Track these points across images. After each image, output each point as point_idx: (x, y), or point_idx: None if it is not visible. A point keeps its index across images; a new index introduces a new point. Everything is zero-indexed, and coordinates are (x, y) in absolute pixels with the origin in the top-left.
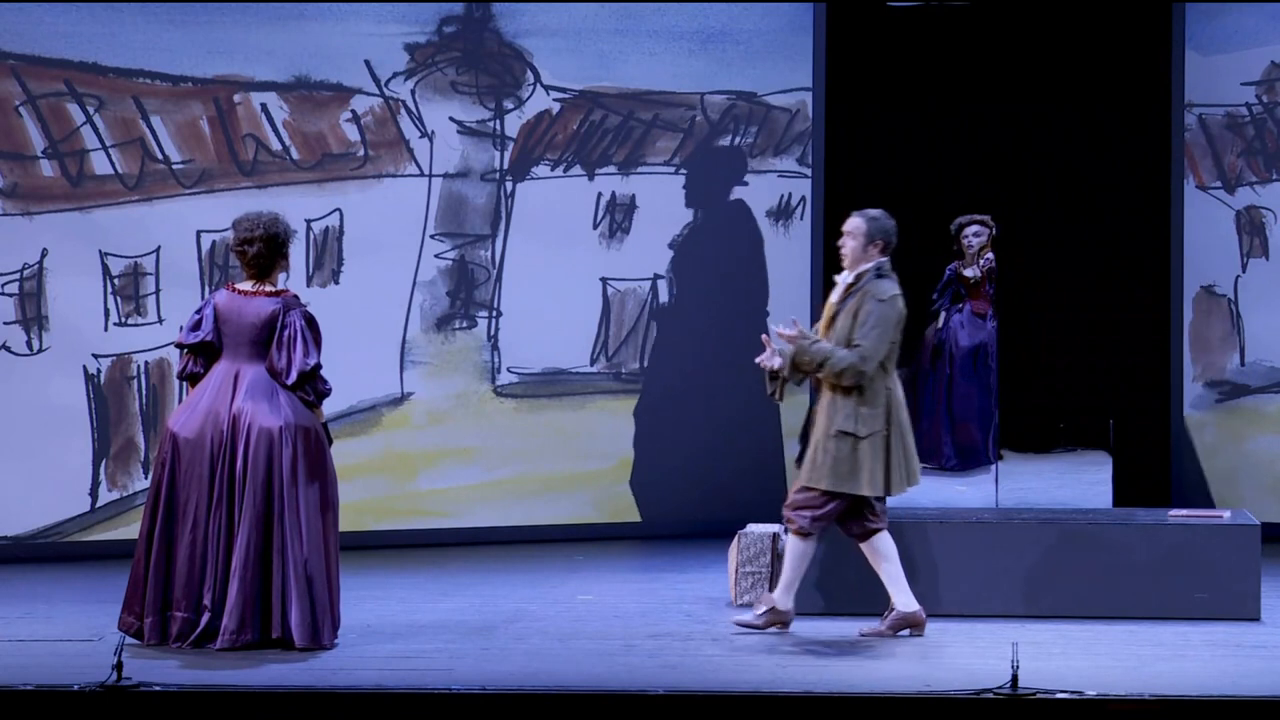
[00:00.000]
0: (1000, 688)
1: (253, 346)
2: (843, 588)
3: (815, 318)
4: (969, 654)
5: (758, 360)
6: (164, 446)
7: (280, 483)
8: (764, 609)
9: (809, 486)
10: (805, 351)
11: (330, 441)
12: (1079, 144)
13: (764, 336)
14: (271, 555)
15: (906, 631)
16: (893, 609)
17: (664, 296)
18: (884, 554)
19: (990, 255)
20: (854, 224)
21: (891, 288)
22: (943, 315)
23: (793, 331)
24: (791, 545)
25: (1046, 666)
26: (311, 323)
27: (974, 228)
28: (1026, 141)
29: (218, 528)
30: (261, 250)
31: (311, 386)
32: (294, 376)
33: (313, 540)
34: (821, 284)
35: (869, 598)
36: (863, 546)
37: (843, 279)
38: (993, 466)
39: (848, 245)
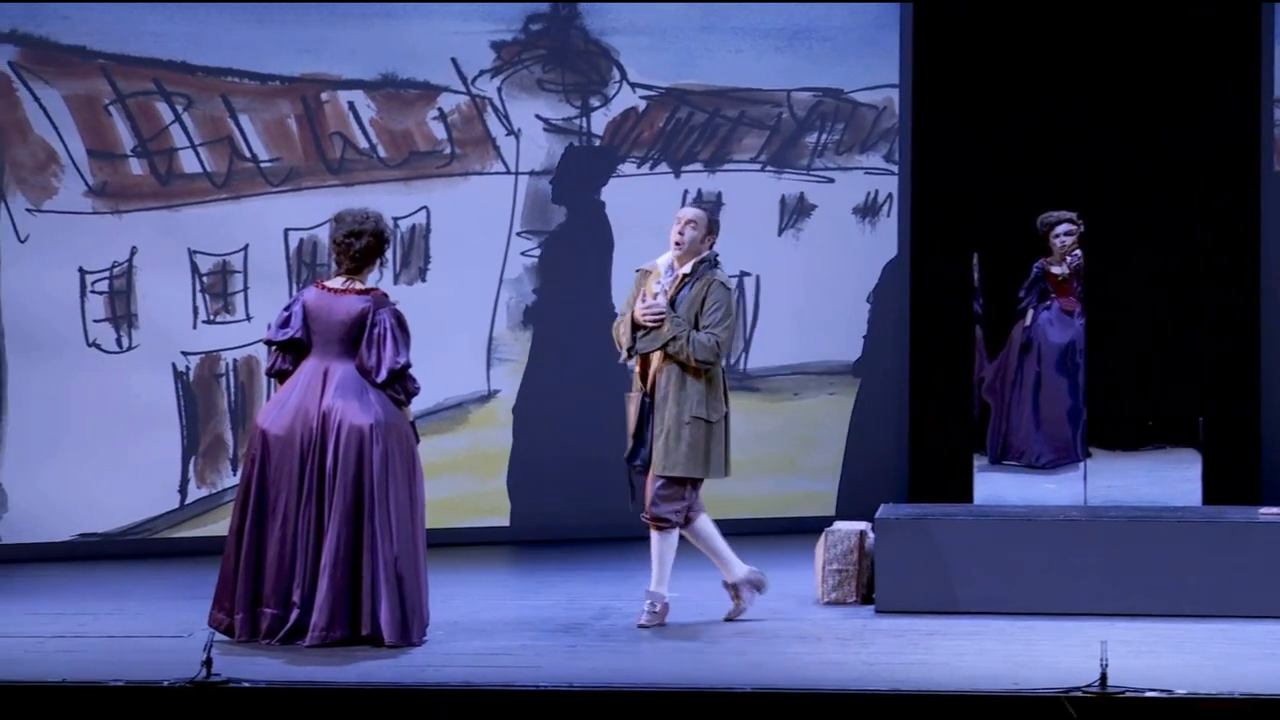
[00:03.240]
0: (1089, 686)
1: (342, 344)
2: (932, 586)
3: (908, 314)
4: (1057, 652)
5: (644, 306)
6: (253, 443)
7: (370, 480)
8: (658, 608)
9: (669, 477)
10: (668, 320)
11: (418, 440)
12: (1166, 139)
13: (637, 275)
14: (361, 552)
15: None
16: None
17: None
18: (707, 533)
19: (1078, 252)
20: (695, 213)
21: (728, 278)
22: (1030, 313)
23: (663, 299)
24: (662, 540)
25: (1135, 665)
26: (401, 321)
27: (1065, 226)
28: (1113, 137)
29: (307, 525)
30: (369, 244)
31: (401, 385)
32: (384, 375)
33: (402, 538)
34: (908, 281)
35: (960, 596)
36: (685, 532)
37: (670, 264)
38: (1081, 464)
39: (688, 233)
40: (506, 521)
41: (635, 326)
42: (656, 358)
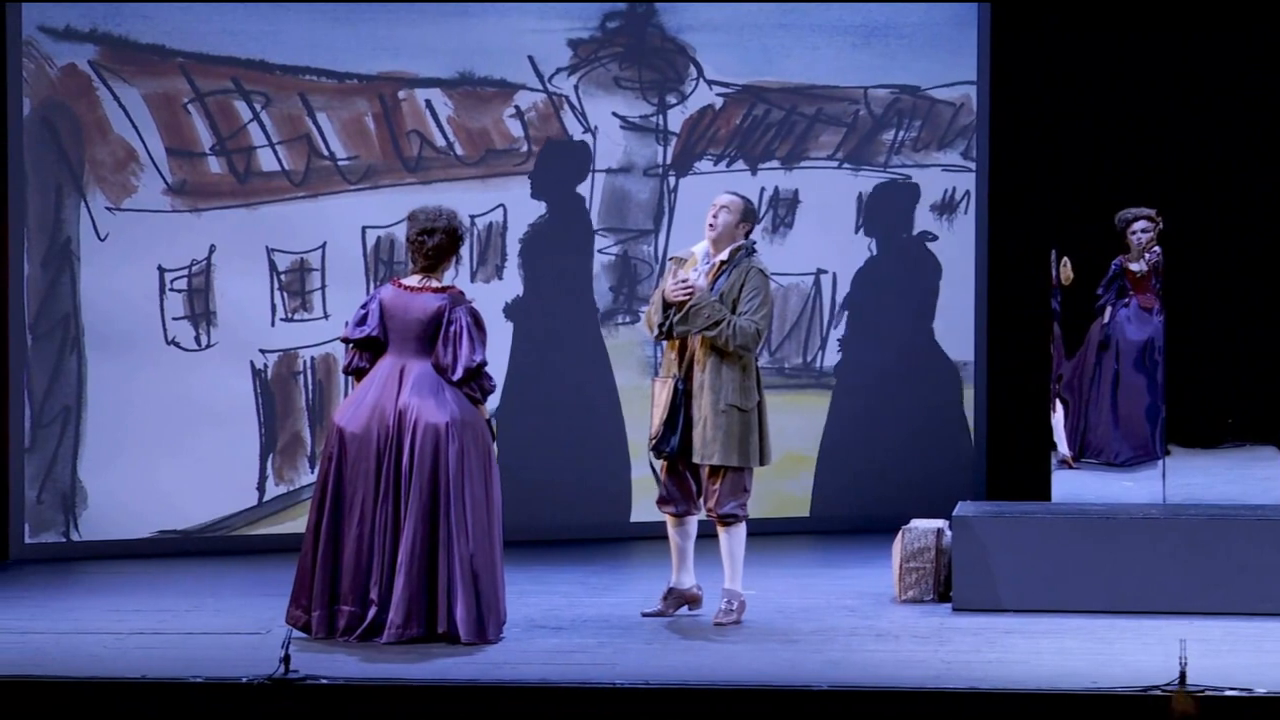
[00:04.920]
0: (1168, 684)
1: (418, 342)
2: (1009, 584)
3: (985, 312)
4: (1136, 650)
5: (674, 286)
6: (330, 441)
7: (446, 478)
8: (735, 605)
9: (726, 471)
10: (706, 304)
11: (494, 438)
12: (1246, 136)
13: (670, 265)
14: (437, 550)
15: (685, 609)
16: (678, 587)
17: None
18: (689, 534)
19: (1157, 249)
20: (731, 199)
21: (765, 265)
22: (1108, 310)
23: (704, 281)
24: (731, 536)
25: (1215, 663)
26: (477, 319)
27: (1141, 223)
28: (1192, 132)
29: (384, 522)
30: (442, 241)
31: (477, 383)
32: (460, 373)
33: (478, 535)
34: (987, 278)
35: (1038, 594)
36: (690, 520)
37: (706, 252)
38: (1160, 462)
39: (721, 218)
40: (584, 518)
41: (666, 306)
42: (696, 345)
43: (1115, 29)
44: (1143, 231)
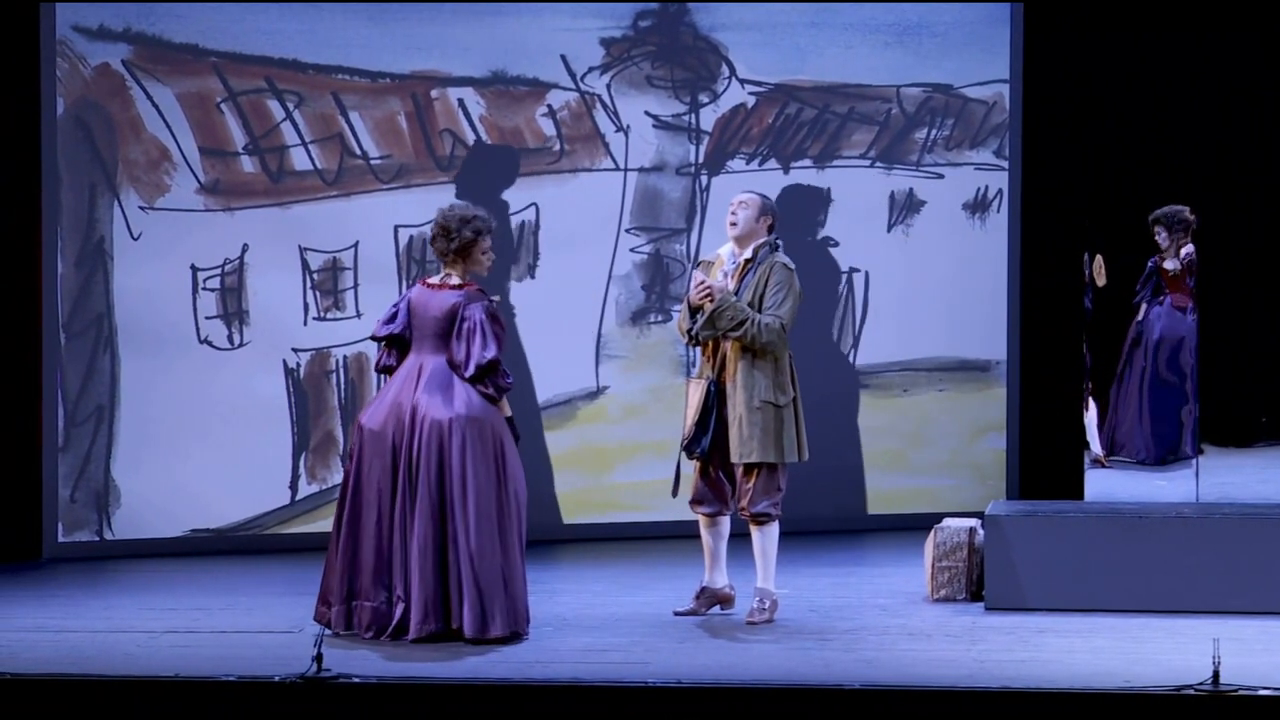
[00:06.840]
0: (1201, 684)
1: (436, 339)
2: (1042, 583)
3: (1018, 311)
4: (1170, 650)
5: (695, 290)
6: (354, 439)
7: (450, 474)
8: (767, 604)
9: (759, 468)
10: (729, 305)
11: (517, 437)
12: None
13: (695, 271)
14: (447, 546)
15: (718, 608)
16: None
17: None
18: (722, 535)
19: (1191, 248)
20: (746, 195)
21: (789, 260)
22: (1142, 308)
23: (731, 282)
24: (764, 535)
25: (1249, 663)
26: (494, 316)
27: (1158, 226)
28: (1227, 132)
29: (401, 519)
30: (435, 235)
31: (491, 380)
32: (471, 369)
33: (484, 531)
34: (1019, 277)
35: (1070, 593)
36: (722, 521)
37: (732, 251)
38: (1193, 461)
39: (741, 214)
40: (621, 518)
41: (693, 311)
42: (728, 346)
43: (1149, 28)
44: (1164, 231)
